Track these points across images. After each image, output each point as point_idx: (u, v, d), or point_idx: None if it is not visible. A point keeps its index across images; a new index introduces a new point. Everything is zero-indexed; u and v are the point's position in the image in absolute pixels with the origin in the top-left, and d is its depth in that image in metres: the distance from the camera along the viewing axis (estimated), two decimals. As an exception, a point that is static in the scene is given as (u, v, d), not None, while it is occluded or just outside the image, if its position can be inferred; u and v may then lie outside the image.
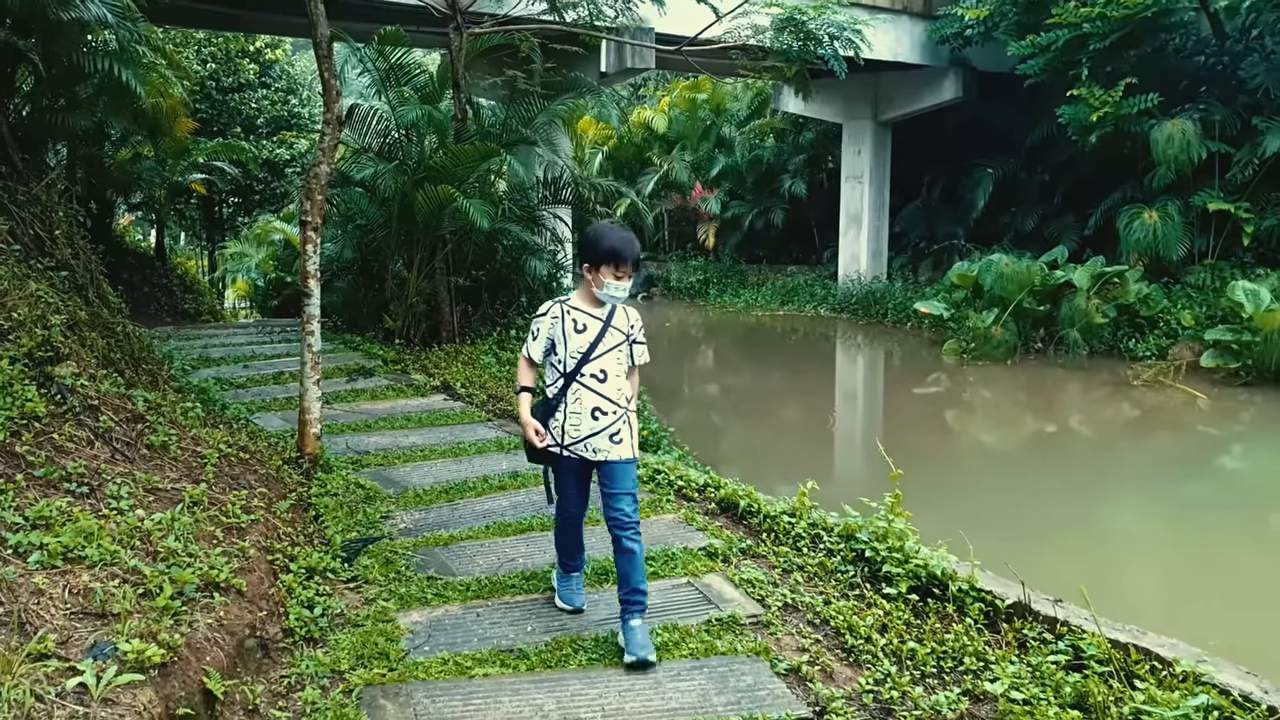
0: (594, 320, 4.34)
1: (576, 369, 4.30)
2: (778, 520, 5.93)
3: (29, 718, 2.90)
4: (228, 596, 4.12)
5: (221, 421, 6.99)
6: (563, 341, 4.33)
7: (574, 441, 4.32)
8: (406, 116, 11.28)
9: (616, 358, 4.35)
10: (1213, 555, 8.42)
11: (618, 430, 4.33)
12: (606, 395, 4.31)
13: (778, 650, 4.46)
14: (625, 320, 4.42)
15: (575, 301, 4.41)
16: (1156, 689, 3.91)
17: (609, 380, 4.32)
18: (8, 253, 6.37)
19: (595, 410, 4.30)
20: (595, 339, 4.30)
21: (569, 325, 4.33)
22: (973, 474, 11.17)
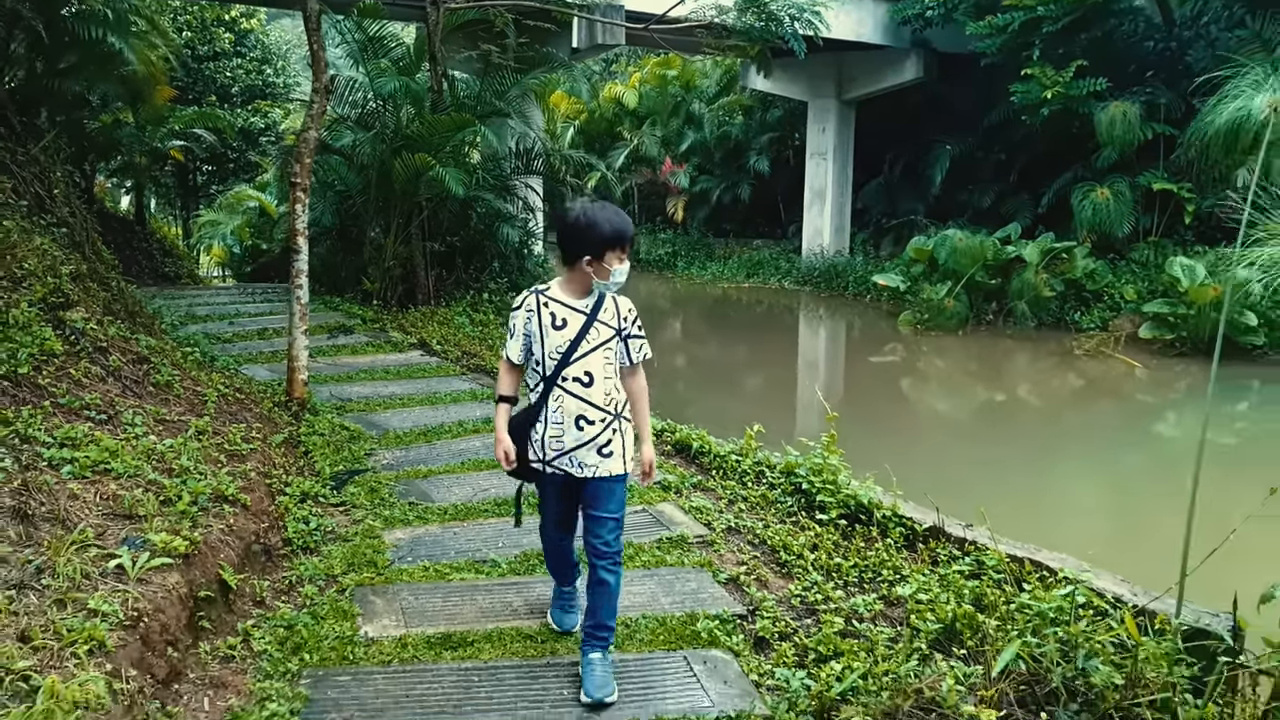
0: (575, 314, 3.70)
1: (556, 372, 3.68)
2: (726, 459, 6.57)
3: (80, 589, 3.46)
4: (235, 508, 4.68)
5: (214, 370, 7.50)
6: (540, 340, 3.71)
7: (556, 455, 3.73)
8: (385, 87, 11.74)
9: (605, 357, 3.71)
10: (1126, 499, 9.20)
11: (607, 442, 3.72)
12: (593, 402, 3.68)
13: (719, 563, 5.08)
14: (615, 311, 3.77)
15: (554, 292, 3.76)
16: (1041, 591, 4.56)
17: (595, 384, 3.68)
18: (15, 208, 6.85)
19: (580, 419, 3.69)
20: (577, 336, 3.67)
21: (545, 320, 3.70)
22: (915, 428, 11.91)
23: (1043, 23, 17.09)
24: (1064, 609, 4.35)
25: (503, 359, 3.92)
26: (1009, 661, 4.00)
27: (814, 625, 4.52)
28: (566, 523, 4.02)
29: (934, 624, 4.45)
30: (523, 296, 3.82)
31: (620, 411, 3.78)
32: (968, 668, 4.09)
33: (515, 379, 3.90)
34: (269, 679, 3.72)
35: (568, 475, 3.77)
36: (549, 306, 3.72)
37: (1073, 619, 4.27)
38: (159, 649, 3.51)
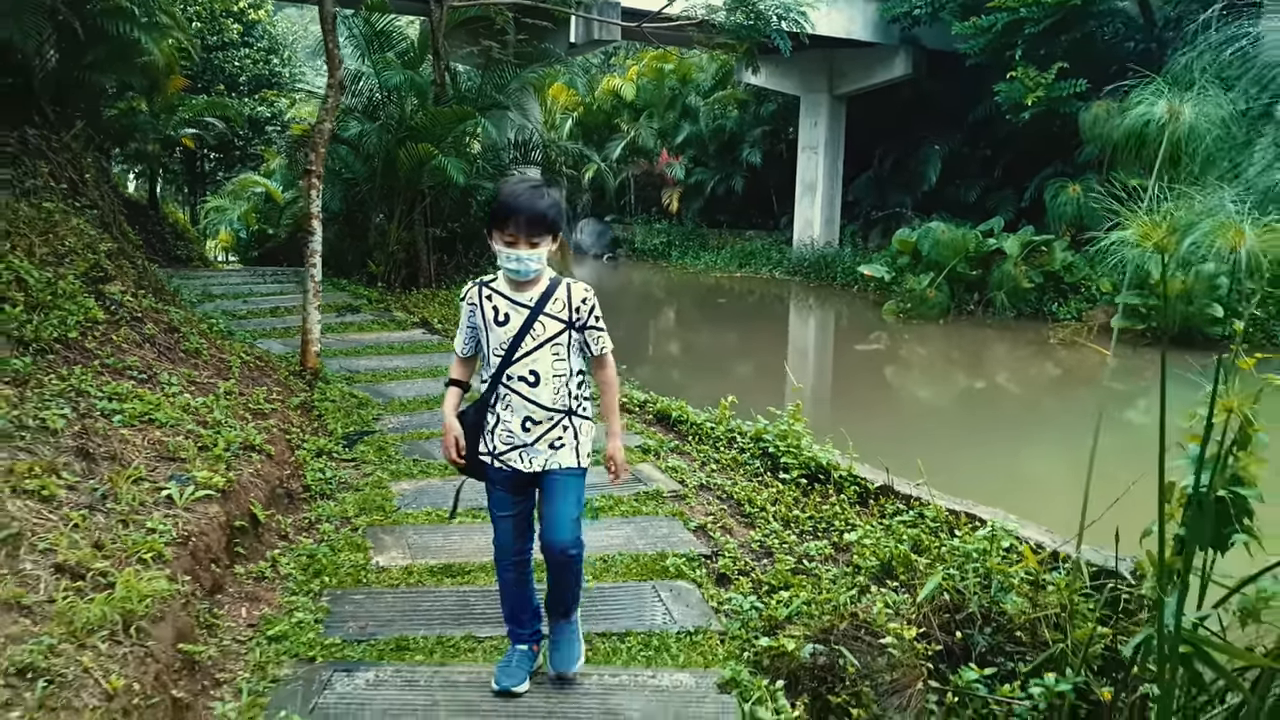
0: (518, 308, 3.43)
1: (500, 370, 3.44)
2: (701, 426, 7.20)
3: (138, 513, 4.09)
4: (261, 457, 5.32)
5: (234, 342, 8.13)
6: (485, 334, 3.50)
7: (506, 450, 3.51)
8: (390, 80, 12.35)
9: (554, 353, 3.43)
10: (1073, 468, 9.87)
11: (558, 437, 3.51)
12: (539, 402, 3.44)
13: (690, 514, 5.71)
14: (566, 303, 3.45)
15: (499, 283, 3.49)
16: (970, 536, 5.20)
17: (542, 384, 3.43)
18: (55, 191, 7.47)
19: (526, 421, 3.47)
20: (519, 332, 3.41)
21: (488, 315, 3.47)
22: (888, 407, 12.60)
23: (1025, 24, 17.69)
24: (985, 549, 5.00)
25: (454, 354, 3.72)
26: (932, 590, 4.64)
27: (769, 564, 5.15)
28: (521, 526, 3.62)
29: (873, 562, 5.09)
30: (467, 287, 3.57)
31: (575, 408, 3.52)
32: (898, 597, 4.73)
33: (466, 368, 3.69)
34: (295, 595, 4.36)
35: (516, 471, 3.51)
36: (492, 300, 3.46)
37: (992, 557, 4.92)
38: (204, 564, 4.15)
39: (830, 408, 12.53)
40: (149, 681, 3.25)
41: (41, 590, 3.36)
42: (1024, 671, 4.29)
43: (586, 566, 4.86)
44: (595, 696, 3.73)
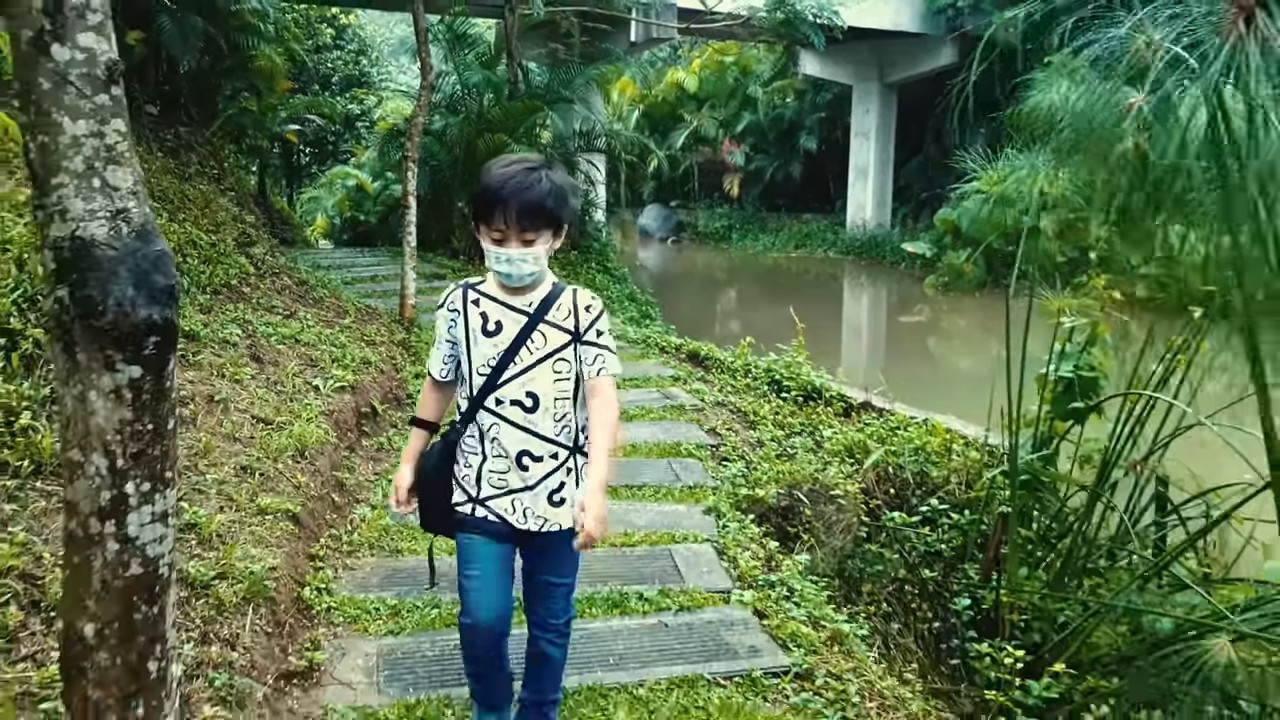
0: (513, 314, 2.78)
1: (485, 391, 2.77)
2: (723, 361, 8.77)
3: (298, 395, 5.82)
4: (375, 370, 7.05)
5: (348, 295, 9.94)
6: (466, 348, 2.82)
7: (498, 494, 2.83)
8: (470, 79, 14.11)
9: (556, 371, 2.78)
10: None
11: (559, 485, 2.84)
12: (539, 432, 2.78)
13: (705, 421, 7.27)
14: (569, 310, 2.81)
15: (489, 286, 2.84)
16: (913, 427, 6.72)
17: (542, 407, 2.77)
18: (206, 176, 9.34)
19: (522, 455, 2.79)
20: (513, 344, 2.76)
21: (474, 323, 2.81)
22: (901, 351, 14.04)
23: (1061, 13, 18.75)
24: (922, 436, 6.53)
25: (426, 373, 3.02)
26: (875, 461, 6.20)
27: (761, 451, 6.72)
28: (500, 589, 2.87)
29: (839, 447, 6.64)
30: (447, 291, 2.91)
31: (580, 445, 2.86)
32: (850, 469, 6.27)
33: (439, 400, 3.00)
34: (406, 458, 6.07)
35: (505, 523, 2.82)
36: (479, 305, 2.80)
37: (925, 440, 6.44)
38: (343, 431, 5.87)
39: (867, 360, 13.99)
40: (318, 485, 4.97)
41: (245, 430, 5.10)
42: (932, 510, 5.82)
43: (618, 449, 6.52)
44: (615, 515, 5.34)
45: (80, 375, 2.26)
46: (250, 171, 18.49)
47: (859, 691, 3.68)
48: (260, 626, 3.67)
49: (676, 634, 4.05)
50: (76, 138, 2.18)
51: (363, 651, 3.77)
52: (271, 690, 3.45)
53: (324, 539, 4.64)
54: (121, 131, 2.24)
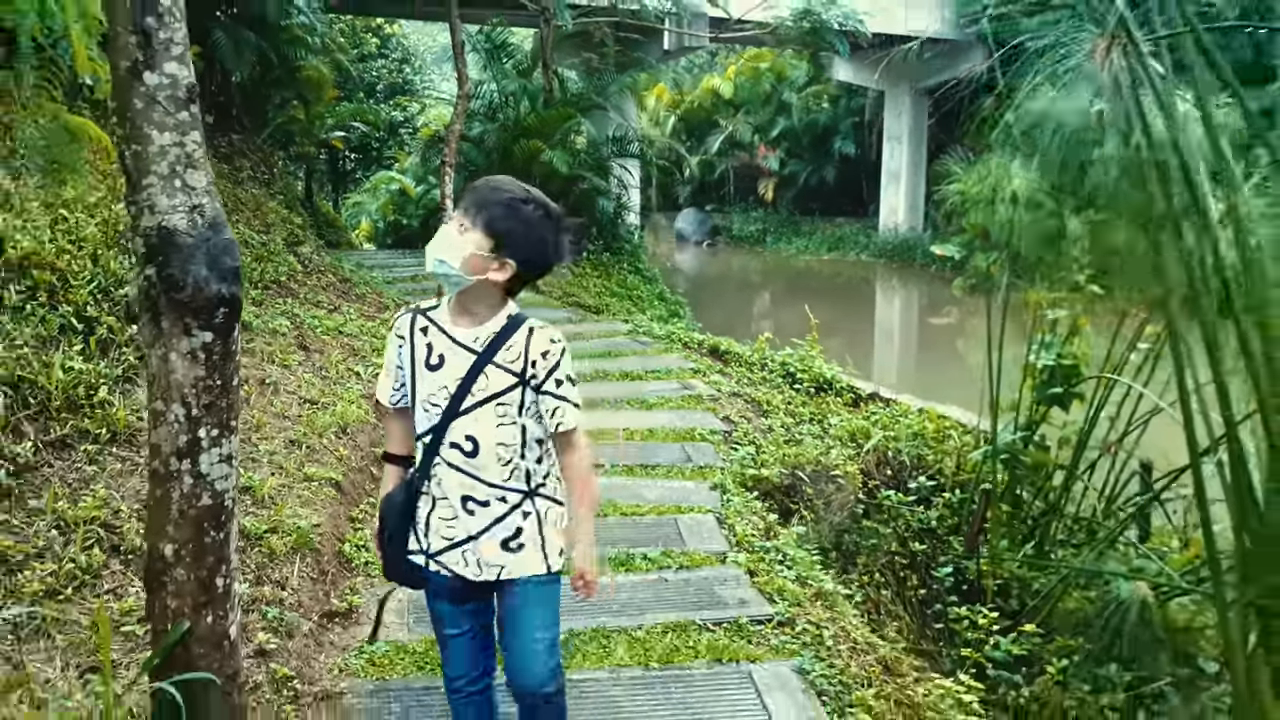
0: (459, 350, 2.51)
1: (432, 432, 2.55)
2: (742, 356, 9.22)
3: (341, 380, 6.37)
4: (413, 360, 7.59)
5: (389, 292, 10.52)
6: (411, 380, 2.59)
7: (446, 548, 2.59)
8: (507, 87, 14.69)
9: (499, 415, 2.51)
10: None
11: (515, 529, 2.57)
12: (479, 476, 2.53)
13: (720, 409, 7.72)
14: (520, 353, 2.49)
15: (440, 313, 2.59)
16: (913, 415, 7.12)
17: (482, 452, 2.51)
18: (257, 180, 9.95)
19: (466, 500, 2.55)
20: (461, 384, 2.49)
21: (420, 353, 2.57)
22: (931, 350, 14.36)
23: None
24: (922, 423, 6.94)
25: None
26: (874, 444, 6.62)
27: (771, 437, 7.16)
28: (479, 646, 2.73)
29: (843, 433, 7.06)
30: (399, 314, 2.69)
31: (537, 488, 2.59)
32: (853, 452, 6.70)
33: (404, 429, 2.70)
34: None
35: (462, 580, 2.59)
36: (427, 334, 2.56)
37: (922, 426, 6.86)
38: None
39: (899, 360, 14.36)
40: (358, 458, 5.50)
41: (293, 409, 5.64)
42: (923, 488, 6.24)
43: (635, 434, 7.01)
44: (629, 488, 5.83)
45: (164, 340, 2.78)
46: (298, 177, 19.18)
47: (833, 637, 4.13)
48: (306, 573, 4.20)
49: (674, 588, 4.52)
50: (163, 147, 2.70)
51: (395, 598, 4.27)
52: (316, 626, 3.96)
53: (363, 504, 5.16)
54: (198, 141, 2.77)
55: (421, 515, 2.64)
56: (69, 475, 4.27)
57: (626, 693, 3.68)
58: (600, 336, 10.05)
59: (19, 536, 3.83)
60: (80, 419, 4.50)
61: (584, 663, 3.87)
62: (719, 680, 3.78)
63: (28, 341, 4.57)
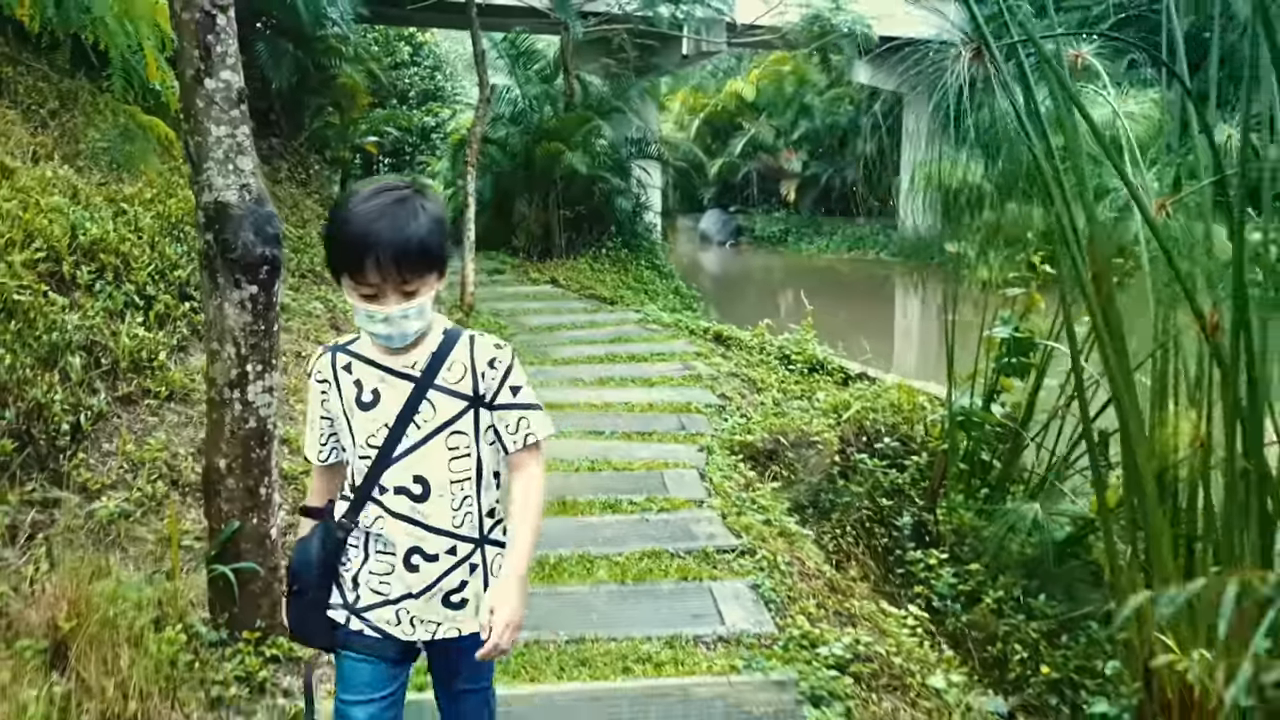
0: (393, 379, 2.22)
1: (369, 479, 2.22)
2: (743, 341, 9.86)
3: (368, 355, 7.08)
4: (436, 341, 8.29)
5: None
6: (346, 425, 2.25)
7: (375, 604, 2.27)
8: (530, 92, 15.42)
9: (451, 448, 2.21)
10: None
11: (459, 585, 2.27)
12: (430, 524, 2.21)
13: (718, 387, 8.36)
14: (464, 368, 2.23)
15: (361, 345, 2.29)
16: (896, 393, 7.72)
17: (433, 495, 2.21)
18: (294, 181, 10.72)
19: (411, 554, 2.22)
20: (399, 418, 2.19)
21: (349, 393, 2.24)
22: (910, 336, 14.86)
23: (1096, 23, 19.49)
24: (899, 396, 7.54)
25: None
26: (852, 414, 7.22)
27: (760, 410, 7.79)
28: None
29: (828, 406, 7.68)
30: (316, 356, 2.36)
31: (488, 533, 2.30)
32: (833, 422, 7.31)
33: (331, 483, 2.42)
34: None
35: (390, 640, 2.28)
36: (352, 370, 2.25)
37: (900, 401, 7.46)
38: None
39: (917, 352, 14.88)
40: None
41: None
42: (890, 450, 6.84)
43: (636, 407, 7.68)
44: (625, 450, 6.49)
45: (219, 292, 3.49)
46: (333, 179, 20.02)
47: (788, 564, 4.76)
48: (335, 508, 4.90)
49: (654, 526, 5.18)
50: (219, 138, 3.41)
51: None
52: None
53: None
54: (246, 134, 3.47)
55: (349, 571, 2.28)
56: (135, 424, 5.00)
57: (604, 602, 4.34)
58: (612, 325, 10.74)
59: (96, 471, 4.56)
60: (143, 379, 5.24)
61: (569, 580, 4.54)
62: (684, 593, 4.43)
63: (98, 313, 5.31)
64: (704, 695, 3.59)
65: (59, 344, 4.85)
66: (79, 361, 4.90)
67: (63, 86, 7.44)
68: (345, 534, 2.28)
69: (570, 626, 4.07)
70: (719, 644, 3.99)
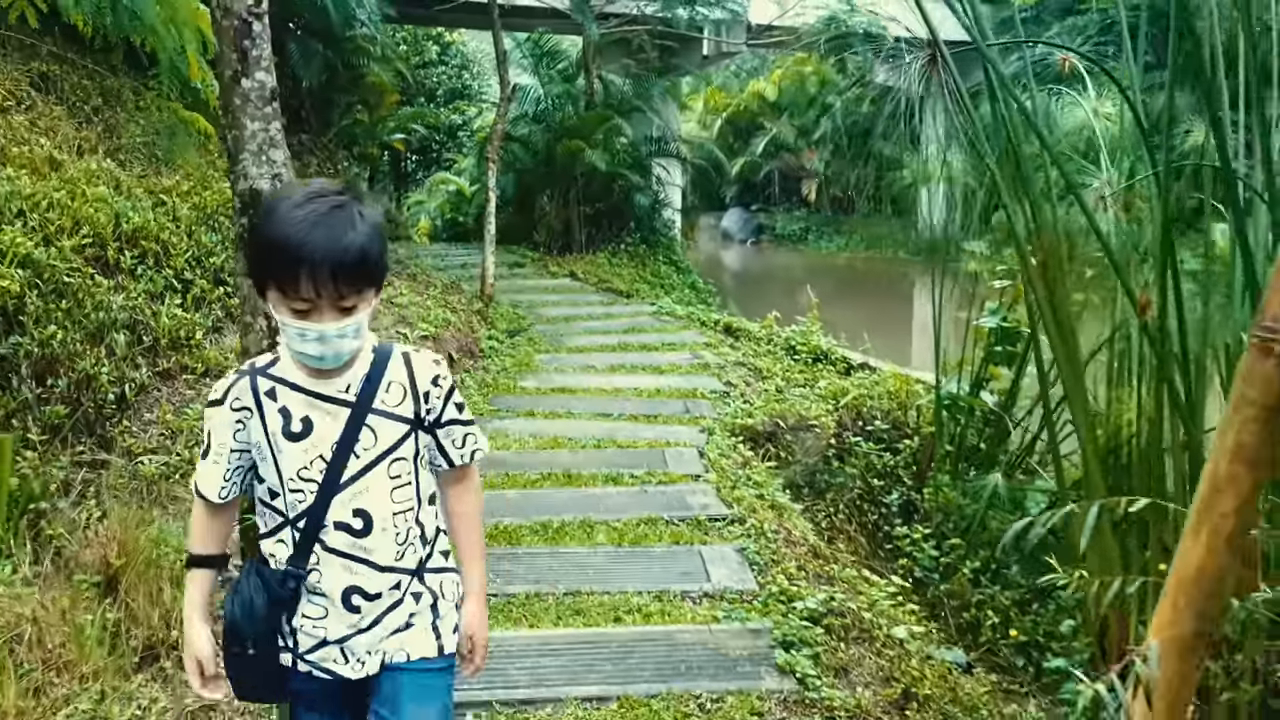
0: (326, 406, 1.97)
1: (309, 514, 1.98)
2: (751, 333, 10.20)
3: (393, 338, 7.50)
4: (453, 330, 8.71)
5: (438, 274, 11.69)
6: (270, 458, 1.98)
7: (316, 646, 2.05)
8: (553, 91, 15.83)
9: (393, 476, 2.01)
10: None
11: (407, 618, 2.07)
12: (373, 561, 2.01)
13: (724, 375, 8.70)
14: (403, 389, 2.03)
15: (283, 368, 1.99)
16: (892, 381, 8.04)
17: (377, 530, 2.00)
18: (324, 175, 11.14)
19: (350, 594, 2.01)
20: (337, 448, 1.96)
21: (273, 423, 1.96)
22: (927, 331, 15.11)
23: (1117, 25, 19.64)
24: (894, 384, 7.87)
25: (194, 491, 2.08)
26: (849, 400, 7.56)
27: (762, 397, 8.14)
28: None
29: (828, 393, 8.02)
30: (226, 382, 2.01)
31: (426, 560, 2.10)
32: (831, 407, 7.65)
33: (221, 526, 2.11)
34: (473, 395, 7.68)
35: (339, 680, 2.07)
36: (276, 397, 1.97)
37: (896, 388, 7.78)
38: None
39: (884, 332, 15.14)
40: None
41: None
42: (880, 433, 7.18)
43: (644, 393, 8.05)
44: (630, 430, 6.87)
45: (253, 270, 3.87)
46: (362, 176, 20.51)
47: (774, 532, 5.12)
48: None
49: (652, 497, 5.55)
50: (253, 132, 3.80)
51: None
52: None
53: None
54: (278, 128, 3.87)
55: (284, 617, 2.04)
56: (173, 396, 5.43)
57: (601, 561, 4.72)
58: (627, 316, 11.11)
59: (139, 437, 4.99)
60: (181, 355, 5.67)
61: (569, 542, 4.92)
62: (675, 555, 4.80)
63: (140, 295, 5.75)
64: (686, 640, 3.96)
65: (105, 322, 5.29)
66: (123, 338, 5.34)
67: (105, 84, 7.92)
68: (297, 582, 1.99)
69: (569, 582, 4.45)
70: (704, 599, 4.36)
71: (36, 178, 6.01)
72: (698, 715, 3.47)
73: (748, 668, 3.77)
